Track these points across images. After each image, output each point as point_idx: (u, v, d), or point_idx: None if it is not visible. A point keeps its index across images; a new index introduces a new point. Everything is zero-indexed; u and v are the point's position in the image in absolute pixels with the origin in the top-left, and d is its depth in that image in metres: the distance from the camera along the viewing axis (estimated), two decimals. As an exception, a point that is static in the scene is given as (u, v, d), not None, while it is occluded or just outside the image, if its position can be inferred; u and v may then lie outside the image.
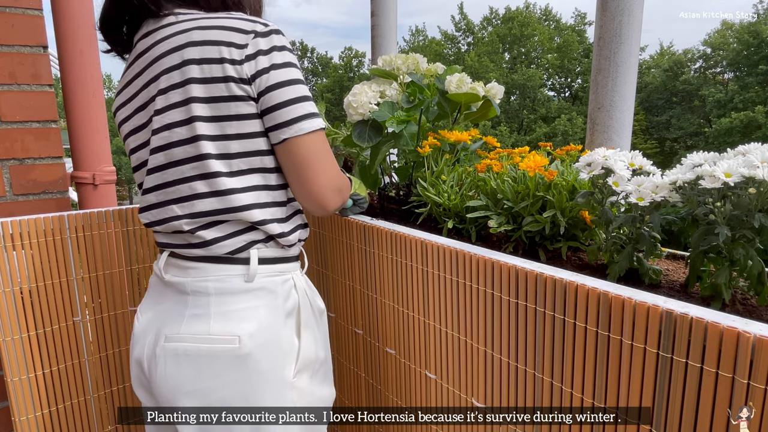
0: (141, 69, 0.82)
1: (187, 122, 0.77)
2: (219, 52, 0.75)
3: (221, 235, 0.82)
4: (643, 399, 0.61)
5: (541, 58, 28.19)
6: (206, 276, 0.82)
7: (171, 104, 0.78)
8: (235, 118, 0.78)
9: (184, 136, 0.78)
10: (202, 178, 0.79)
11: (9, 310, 1.11)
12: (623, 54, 1.41)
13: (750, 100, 20.50)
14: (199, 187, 0.80)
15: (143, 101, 0.83)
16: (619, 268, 0.77)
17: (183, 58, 0.76)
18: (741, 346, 0.52)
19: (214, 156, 0.78)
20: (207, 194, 0.80)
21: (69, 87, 1.68)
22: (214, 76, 0.76)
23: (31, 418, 1.17)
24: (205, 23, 0.78)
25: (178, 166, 0.80)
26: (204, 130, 0.77)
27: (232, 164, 0.80)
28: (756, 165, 0.64)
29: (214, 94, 0.76)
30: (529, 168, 0.92)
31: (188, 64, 0.76)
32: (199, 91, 0.76)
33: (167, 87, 0.78)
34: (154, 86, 0.80)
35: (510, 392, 0.80)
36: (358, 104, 1.18)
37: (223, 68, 0.75)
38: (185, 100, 0.77)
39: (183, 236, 0.84)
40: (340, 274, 1.22)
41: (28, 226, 1.13)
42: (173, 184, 0.81)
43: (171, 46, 0.78)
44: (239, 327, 0.80)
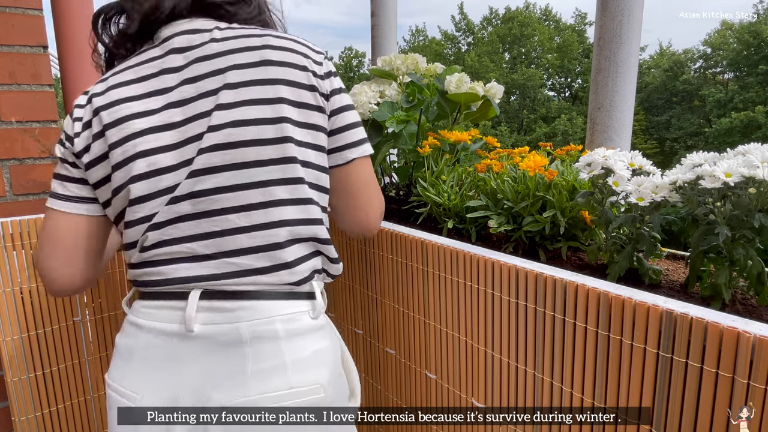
0: (182, 64, 0.72)
1: (275, 121, 0.69)
2: (302, 60, 0.73)
3: (292, 260, 0.70)
4: (643, 399, 0.61)
5: (541, 58, 28.19)
6: (271, 315, 0.68)
7: (248, 100, 0.69)
8: (316, 128, 0.73)
9: (267, 135, 0.68)
10: (285, 183, 0.69)
11: (9, 310, 1.11)
12: (623, 54, 1.41)
13: (750, 100, 20.50)
14: (280, 192, 0.69)
15: (185, 96, 0.70)
16: (619, 268, 0.77)
17: (262, 58, 0.71)
18: (741, 346, 0.52)
19: (299, 162, 0.70)
20: (289, 201, 0.70)
21: (69, 87, 1.68)
22: (301, 81, 0.72)
23: (31, 418, 1.17)
24: (279, 34, 0.75)
25: (249, 168, 0.68)
26: (292, 133, 0.70)
27: (309, 174, 0.73)
28: (756, 165, 0.64)
29: (302, 100, 0.72)
30: (529, 168, 0.92)
31: (270, 64, 0.71)
32: (289, 94, 0.70)
33: (240, 82, 0.69)
34: (214, 81, 0.70)
35: (510, 392, 0.80)
36: (357, 104, 1.18)
37: (308, 77, 0.73)
38: (275, 99, 0.69)
39: (235, 260, 0.69)
40: (341, 274, 1.22)
41: (28, 226, 1.13)
42: (238, 188, 0.68)
43: (240, 45, 0.72)
44: (319, 373, 0.70)
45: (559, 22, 28.64)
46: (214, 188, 0.68)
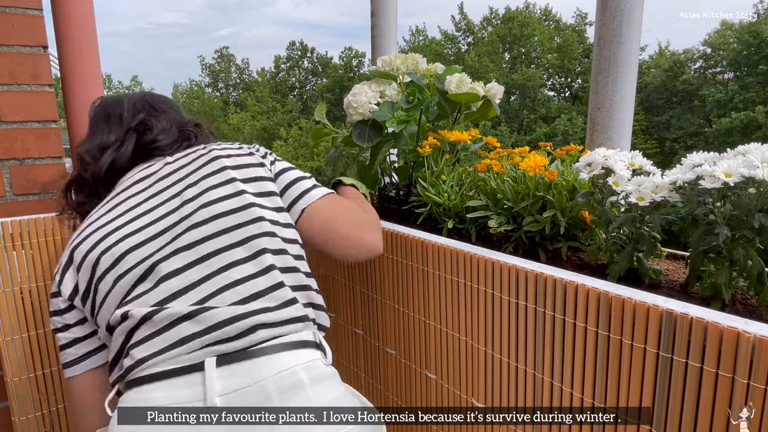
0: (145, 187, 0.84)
1: (233, 189, 0.81)
2: (244, 150, 0.89)
3: (296, 316, 0.73)
4: (643, 399, 0.61)
5: (541, 58, 28.19)
6: (292, 364, 0.68)
7: (211, 186, 0.80)
8: (269, 194, 0.84)
9: (229, 191, 0.80)
10: (262, 236, 0.77)
11: (9, 310, 1.11)
12: (623, 54, 1.41)
13: (750, 100, 20.50)
14: (261, 243, 0.76)
15: (153, 205, 0.81)
16: (619, 268, 0.77)
17: (211, 157, 0.85)
18: (741, 346, 0.52)
19: (266, 220, 0.80)
20: (275, 251, 0.77)
21: (69, 87, 1.68)
22: (249, 163, 0.86)
23: (31, 418, 1.17)
24: (221, 146, 0.90)
25: (230, 232, 0.76)
26: (252, 200, 0.80)
27: (282, 231, 0.82)
28: (756, 165, 0.64)
29: (252, 175, 0.85)
30: (529, 168, 0.92)
31: (218, 158, 0.85)
32: (239, 175, 0.83)
33: (200, 178, 0.82)
34: (180, 186, 0.82)
35: (510, 392, 0.80)
36: (358, 104, 1.18)
37: (254, 158, 0.88)
38: (228, 180, 0.82)
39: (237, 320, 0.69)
40: (340, 274, 1.22)
41: (28, 226, 1.13)
42: (226, 249, 0.75)
43: (191, 159, 0.86)
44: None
45: (559, 22, 28.64)
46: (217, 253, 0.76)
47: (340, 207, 0.89)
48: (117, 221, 0.80)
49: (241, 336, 0.68)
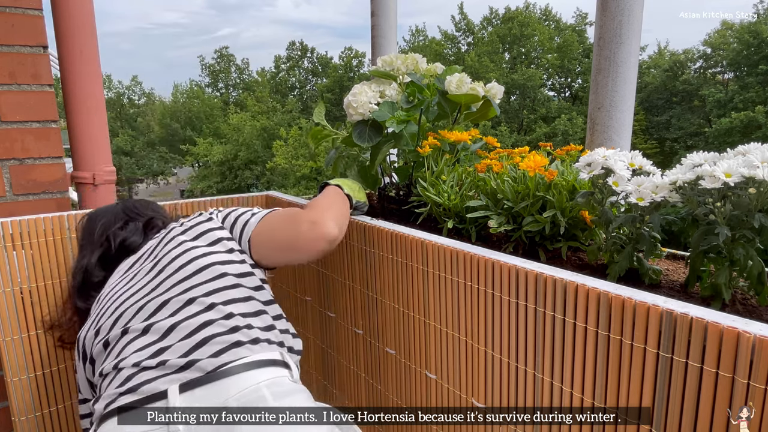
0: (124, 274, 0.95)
1: (184, 252, 0.90)
2: (196, 217, 1.01)
3: (242, 324, 0.79)
4: (643, 399, 0.61)
5: (541, 58, 28.18)
6: (256, 381, 0.69)
7: (169, 258, 0.90)
8: (220, 240, 0.94)
9: (185, 260, 0.88)
10: (212, 281, 0.85)
11: (9, 310, 1.11)
12: (623, 54, 1.40)
13: (750, 100, 20.49)
14: (208, 287, 0.84)
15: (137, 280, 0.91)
16: (619, 268, 0.77)
17: (173, 233, 0.96)
18: (741, 346, 0.52)
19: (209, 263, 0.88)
20: (220, 289, 0.84)
21: (69, 87, 1.68)
22: (198, 222, 0.97)
23: (31, 418, 1.17)
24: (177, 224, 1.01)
25: (178, 284, 0.84)
26: (202, 251, 0.90)
27: (234, 268, 0.90)
28: (756, 165, 0.64)
29: (200, 231, 0.95)
30: (529, 168, 0.92)
31: (173, 230, 0.97)
32: (188, 237, 0.94)
33: (159, 253, 0.93)
34: (147, 265, 0.93)
35: (510, 392, 0.80)
36: (358, 104, 1.18)
37: (203, 217, 1.00)
38: (180, 244, 0.92)
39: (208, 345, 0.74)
40: (340, 274, 1.22)
41: (28, 226, 1.13)
42: (177, 295, 0.83)
43: (157, 241, 0.98)
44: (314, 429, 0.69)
45: (559, 22, 28.64)
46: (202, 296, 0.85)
47: (271, 221, 0.95)
48: (97, 317, 0.89)
49: (195, 362, 0.71)
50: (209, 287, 0.84)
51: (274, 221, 0.95)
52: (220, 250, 0.91)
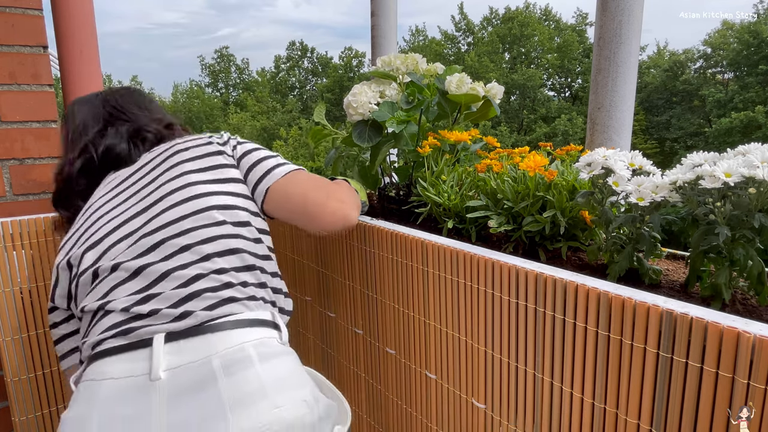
0: (120, 191, 0.90)
1: (185, 187, 0.85)
2: (203, 140, 0.93)
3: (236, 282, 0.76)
4: (643, 399, 0.61)
5: (541, 58, 28.19)
6: (242, 341, 0.68)
7: (167, 190, 0.85)
8: (231, 180, 0.88)
9: (184, 196, 0.83)
10: (208, 227, 0.81)
11: (9, 310, 1.11)
12: (623, 54, 1.41)
13: (750, 100, 20.50)
14: (205, 233, 0.80)
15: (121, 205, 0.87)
16: (619, 268, 0.77)
17: (173, 152, 0.90)
18: (741, 346, 0.52)
19: (217, 206, 0.84)
20: (217, 237, 0.80)
21: (69, 87, 1.68)
22: (207, 152, 0.90)
23: (31, 418, 1.17)
24: (182, 139, 0.94)
25: (178, 222, 0.81)
26: (204, 189, 0.85)
27: (236, 215, 0.85)
28: (756, 165, 0.64)
29: (209, 164, 0.88)
30: (529, 168, 0.92)
31: (179, 152, 0.90)
32: (194, 166, 0.87)
33: (158, 175, 0.88)
34: (140, 185, 0.88)
35: (510, 392, 0.80)
36: (358, 104, 1.18)
37: (213, 147, 0.92)
38: (181, 174, 0.86)
39: (184, 302, 0.72)
40: (340, 274, 1.22)
41: (28, 226, 1.13)
42: (170, 238, 0.78)
43: (155, 155, 0.92)
44: (301, 392, 0.69)
45: (559, 22, 28.65)
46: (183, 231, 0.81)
47: (301, 182, 0.90)
48: (83, 229, 0.86)
49: (188, 315, 0.70)
50: (207, 234, 0.79)
51: (303, 183, 0.90)
52: (226, 192, 0.85)
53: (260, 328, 0.73)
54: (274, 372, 0.68)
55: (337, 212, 0.89)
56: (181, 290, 0.72)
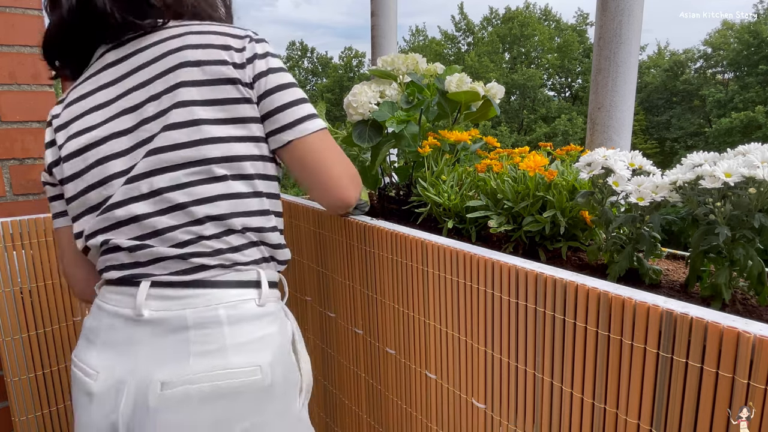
0: (117, 77, 0.78)
1: (189, 124, 0.73)
2: (220, 54, 0.75)
3: (225, 247, 0.75)
4: (643, 399, 0.61)
5: (541, 58, 28.19)
6: (217, 303, 0.72)
7: (166, 108, 0.74)
8: (242, 120, 0.76)
9: (184, 139, 0.73)
10: (206, 182, 0.74)
11: (9, 310, 1.11)
12: (623, 54, 1.41)
13: (750, 100, 20.50)
14: (202, 191, 0.74)
15: (123, 108, 0.76)
16: (619, 268, 0.77)
17: (181, 60, 0.75)
18: (741, 346, 0.52)
19: (218, 159, 0.74)
20: (214, 198, 0.74)
21: (69, 87, 1.68)
22: (218, 77, 0.75)
23: (31, 418, 1.17)
24: (199, 28, 0.77)
25: (175, 171, 0.74)
26: (208, 133, 0.74)
27: (240, 167, 0.76)
28: (756, 165, 0.64)
29: (218, 96, 0.75)
30: (529, 168, 0.92)
31: (186, 66, 0.74)
32: (199, 94, 0.74)
33: (162, 91, 0.75)
34: (143, 92, 0.75)
35: (510, 392, 0.80)
36: (358, 104, 1.18)
37: (228, 70, 0.75)
38: (183, 102, 0.74)
39: (175, 258, 0.74)
40: (340, 274, 1.22)
41: (28, 226, 1.13)
42: (168, 190, 0.74)
43: (164, 50, 0.75)
44: (259, 357, 0.73)
45: (559, 22, 28.65)
46: (153, 190, 0.74)
47: (328, 148, 0.82)
48: (86, 115, 0.78)
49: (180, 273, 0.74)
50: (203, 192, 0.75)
51: (330, 150, 0.82)
52: (234, 137, 0.75)
53: (240, 290, 0.75)
54: (238, 335, 0.72)
55: (348, 194, 0.85)
56: (171, 250, 0.74)
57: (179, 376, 0.69)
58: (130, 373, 0.71)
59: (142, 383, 0.70)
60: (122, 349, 0.73)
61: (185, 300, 0.72)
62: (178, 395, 0.69)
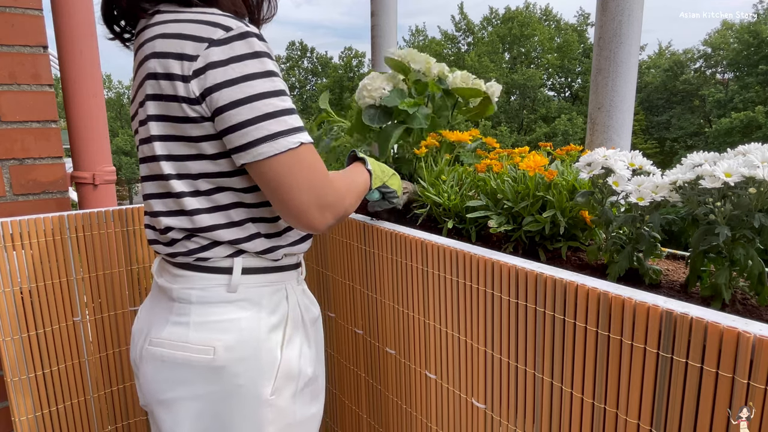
0: (135, 68, 0.81)
1: (148, 141, 0.77)
2: (170, 66, 0.69)
3: (199, 246, 0.80)
4: (643, 399, 0.61)
5: (541, 58, 28.18)
6: (191, 285, 0.80)
7: (143, 119, 0.77)
8: (190, 139, 0.73)
9: (147, 153, 0.79)
10: (168, 196, 0.79)
11: (9, 310, 1.11)
12: (623, 54, 1.40)
13: (750, 100, 20.50)
14: (169, 204, 0.80)
15: (136, 105, 0.81)
16: (619, 268, 0.77)
17: (147, 71, 0.73)
18: (741, 346, 0.52)
19: (174, 177, 0.77)
20: (174, 212, 0.79)
21: (69, 87, 1.68)
22: (167, 93, 0.71)
23: (31, 418, 1.17)
24: (167, 29, 0.72)
25: (152, 181, 0.81)
26: (161, 150, 0.76)
27: (195, 184, 0.77)
28: (756, 165, 0.64)
29: (167, 113, 0.73)
30: (529, 168, 0.92)
31: (148, 78, 0.73)
32: (154, 109, 0.73)
33: (139, 102, 0.78)
34: (142, 91, 0.76)
35: (510, 392, 0.80)
36: (372, 88, 1.22)
37: (174, 86, 0.70)
38: (146, 117, 0.76)
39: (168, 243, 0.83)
40: (340, 274, 1.22)
41: (28, 226, 1.13)
42: (151, 197, 0.82)
43: (148, 51, 0.74)
44: (216, 338, 0.78)
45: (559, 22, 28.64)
46: (148, 193, 0.83)
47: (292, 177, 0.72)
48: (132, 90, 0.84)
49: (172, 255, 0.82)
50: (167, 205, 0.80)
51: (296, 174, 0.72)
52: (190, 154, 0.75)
53: (211, 275, 0.81)
54: (203, 315, 0.80)
55: (315, 223, 0.75)
56: (164, 235, 0.82)
57: (157, 337, 0.81)
58: (146, 323, 0.85)
59: (146, 334, 0.83)
60: (150, 304, 0.88)
61: (175, 278, 0.82)
62: (152, 353, 0.81)
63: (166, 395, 0.81)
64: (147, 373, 0.82)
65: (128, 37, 0.86)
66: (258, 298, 0.82)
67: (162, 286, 0.84)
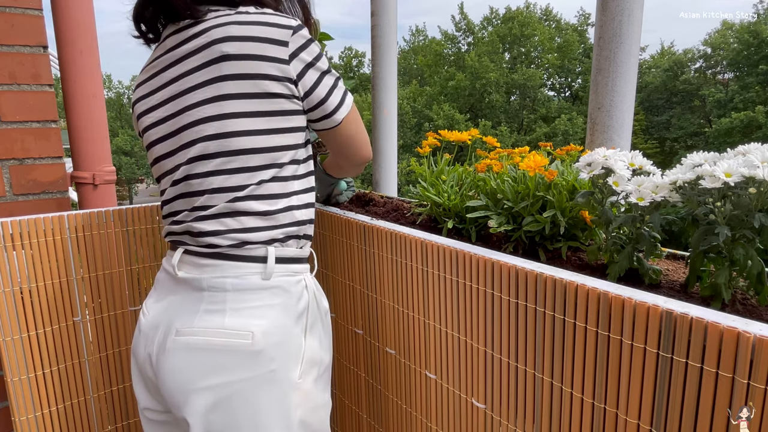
0: (170, 63, 0.85)
1: (220, 118, 0.81)
2: (257, 49, 0.80)
3: (240, 227, 0.84)
4: (643, 399, 0.61)
5: (542, 58, 28.17)
6: (224, 274, 0.83)
7: (205, 99, 0.81)
8: (275, 114, 0.83)
9: (216, 131, 0.81)
10: (239, 171, 0.83)
11: (9, 310, 1.11)
12: (623, 54, 1.40)
13: (750, 100, 20.49)
14: (222, 180, 0.83)
15: (171, 94, 0.85)
16: (619, 268, 0.77)
17: (221, 52, 0.80)
18: (741, 346, 0.52)
19: (246, 151, 0.82)
20: (235, 188, 0.83)
21: (69, 87, 1.68)
22: (258, 72, 0.80)
23: (31, 418, 1.17)
24: (243, 18, 0.82)
25: (212, 159, 0.82)
26: (238, 126, 0.81)
27: (264, 158, 0.84)
28: (756, 165, 0.64)
29: (251, 90, 0.81)
30: (529, 168, 0.92)
31: (226, 59, 0.80)
32: (235, 88, 0.80)
33: (202, 83, 0.81)
34: (185, 81, 0.83)
35: (510, 392, 0.80)
36: None
37: (265, 66, 0.81)
38: (220, 96, 0.80)
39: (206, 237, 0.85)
40: (340, 274, 1.22)
41: (28, 226, 1.13)
42: (200, 176, 0.83)
43: (206, 41, 0.81)
44: (253, 323, 0.81)
45: (559, 22, 28.64)
46: (188, 175, 0.84)
47: (352, 130, 0.95)
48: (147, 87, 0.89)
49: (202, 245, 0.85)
50: (226, 182, 0.83)
51: (354, 132, 0.95)
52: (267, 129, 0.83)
53: (247, 263, 0.84)
54: (238, 302, 0.82)
55: (367, 160, 1.00)
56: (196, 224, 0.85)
57: (188, 326, 0.82)
58: (165, 317, 0.86)
59: (167, 327, 0.84)
60: (165, 298, 0.88)
61: (204, 268, 0.84)
62: (183, 342, 0.81)
63: (201, 383, 0.81)
64: (176, 364, 0.81)
65: (152, 37, 0.91)
66: (287, 285, 0.86)
67: (184, 278, 0.85)
